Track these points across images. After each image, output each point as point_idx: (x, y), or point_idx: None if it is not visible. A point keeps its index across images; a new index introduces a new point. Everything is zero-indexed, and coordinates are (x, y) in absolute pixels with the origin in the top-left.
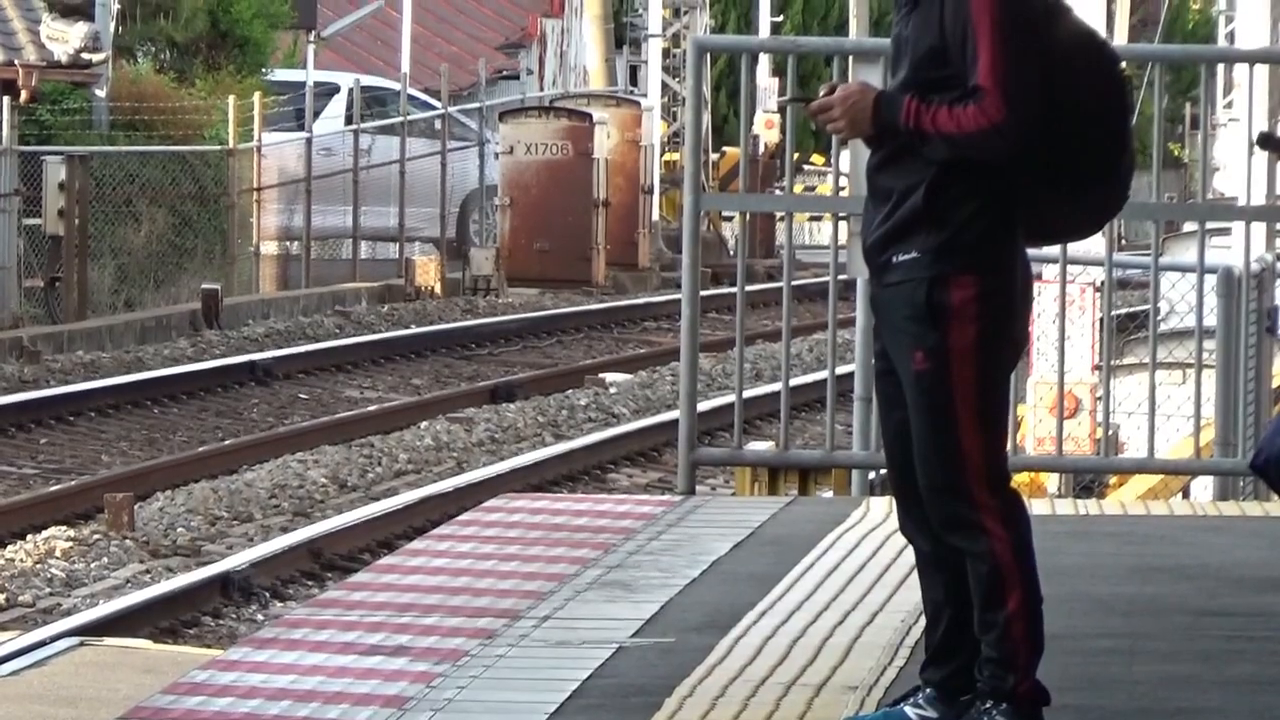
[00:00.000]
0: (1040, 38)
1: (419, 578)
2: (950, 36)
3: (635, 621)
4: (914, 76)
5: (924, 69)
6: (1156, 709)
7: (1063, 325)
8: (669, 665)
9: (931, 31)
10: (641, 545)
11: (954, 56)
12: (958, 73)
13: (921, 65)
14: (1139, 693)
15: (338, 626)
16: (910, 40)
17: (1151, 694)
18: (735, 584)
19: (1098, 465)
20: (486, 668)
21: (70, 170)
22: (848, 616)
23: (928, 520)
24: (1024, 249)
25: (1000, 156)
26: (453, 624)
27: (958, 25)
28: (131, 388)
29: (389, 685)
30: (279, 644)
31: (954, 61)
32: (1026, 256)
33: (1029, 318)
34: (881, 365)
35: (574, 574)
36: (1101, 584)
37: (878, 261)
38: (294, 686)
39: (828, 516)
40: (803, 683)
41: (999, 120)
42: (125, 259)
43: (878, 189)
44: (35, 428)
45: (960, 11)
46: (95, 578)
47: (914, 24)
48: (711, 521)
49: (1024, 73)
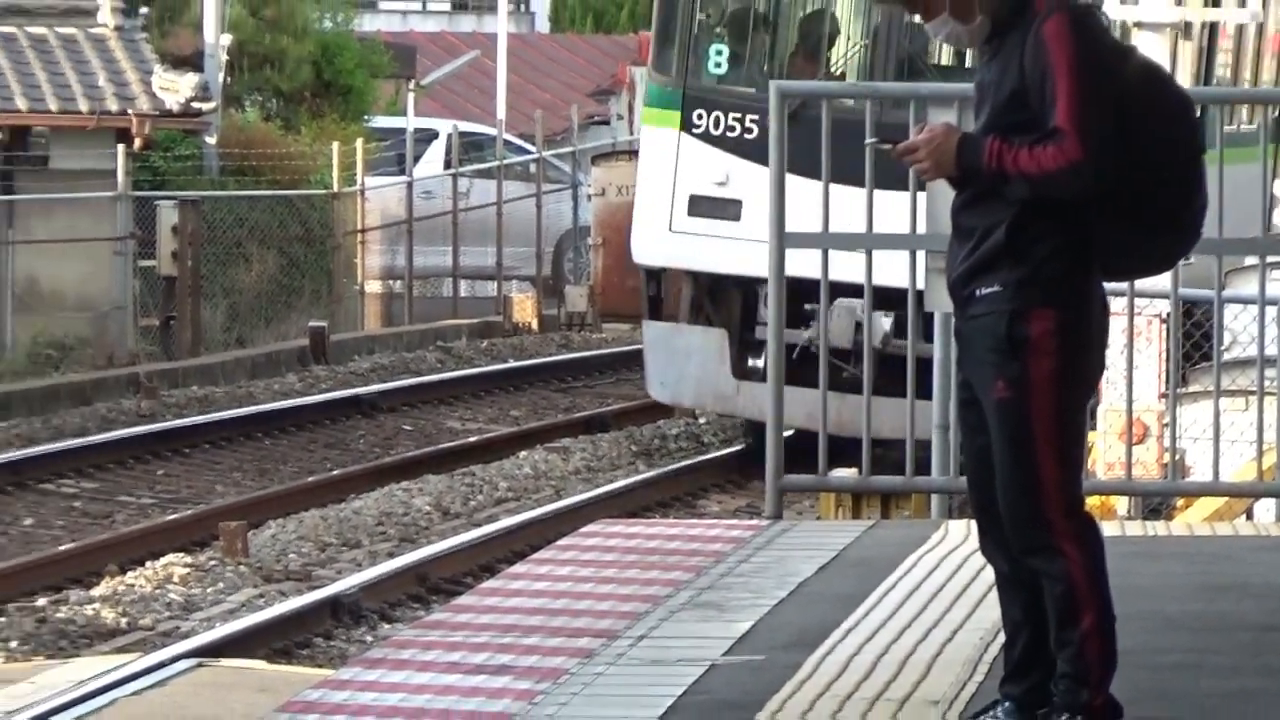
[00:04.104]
0: (1113, 81)
1: (520, 600)
2: (1030, 81)
3: (727, 640)
4: (995, 120)
5: (1005, 112)
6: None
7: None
8: (759, 682)
9: (1012, 77)
10: (732, 568)
11: (1033, 100)
12: (1037, 116)
13: (1003, 109)
14: (1207, 706)
15: (443, 647)
16: (992, 85)
17: (1218, 708)
18: (821, 604)
19: (1165, 489)
20: (585, 685)
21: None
22: (929, 634)
23: (1007, 542)
24: (1100, 284)
25: (1078, 195)
26: (553, 644)
27: (1037, 71)
28: (243, 421)
29: (493, 703)
30: (387, 664)
31: (1033, 105)
32: (1103, 291)
33: (1105, 350)
34: (964, 394)
35: (667, 595)
36: (1169, 602)
37: (961, 295)
38: (403, 704)
39: (909, 539)
40: (887, 698)
41: (1077, 160)
42: (236, 298)
43: (962, 227)
44: (153, 460)
45: (1040, 58)
46: (212, 602)
47: (995, 70)
48: (798, 545)
49: (1099, 115)
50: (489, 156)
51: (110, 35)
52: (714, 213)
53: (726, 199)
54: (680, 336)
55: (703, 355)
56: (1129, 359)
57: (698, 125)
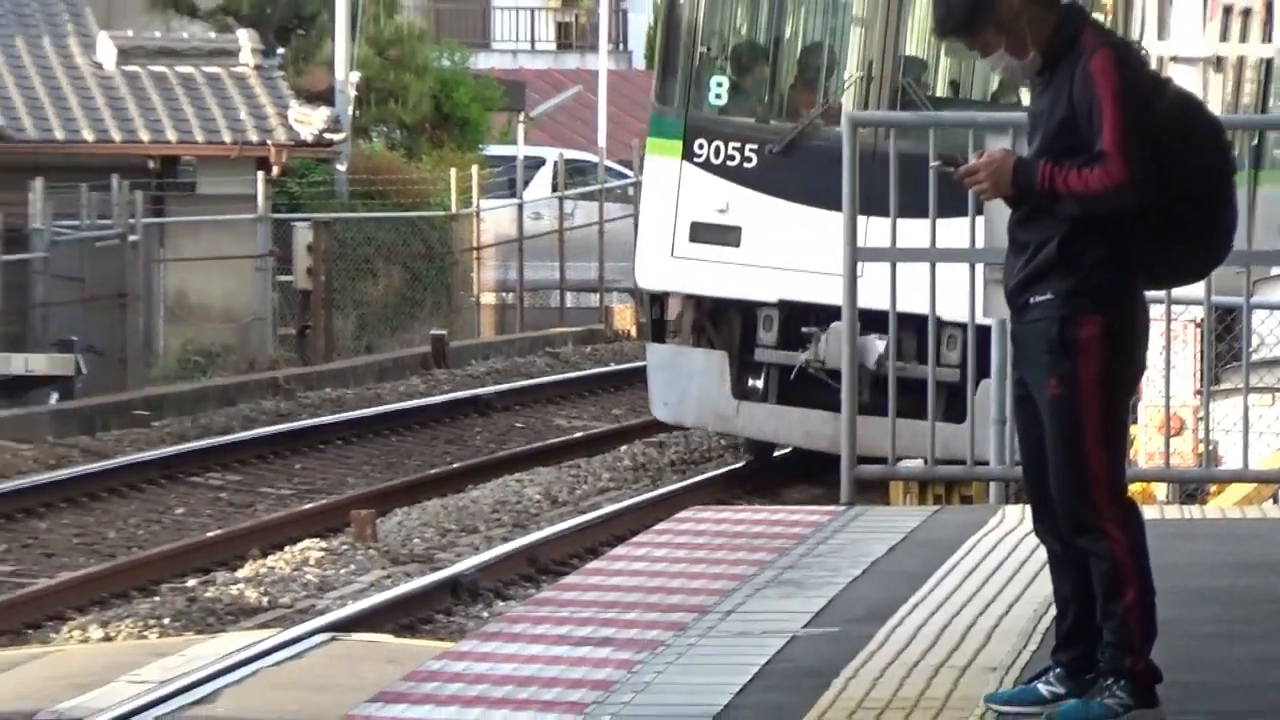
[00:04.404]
0: (1152, 110)
1: (621, 579)
2: (1078, 110)
3: (806, 614)
4: (1047, 145)
5: (1056, 138)
6: (1253, 684)
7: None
8: (836, 651)
9: (1062, 107)
10: (810, 549)
11: (1081, 127)
12: (1084, 141)
13: (1054, 135)
14: (1238, 671)
15: (551, 621)
16: (1044, 114)
17: (1248, 672)
18: (891, 581)
19: (1199, 476)
20: (679, 655)
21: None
22: (988, 607)
23: (1058, 524)
24: (1141, 292)
25: (1122, 211)
26: (650, 618)
27: (1084, 101)
28: (372, 419)
29: (596, 671)
30: (501, 637)
31: (1081, 131)
32: (1144, 299)
33: (1145, 351)
34: (1020, 391)
35: (753, 574)
36: (1204, 578)
37: (1018, 302)
38: (515, 673)
39: (969, 523)
40: (950, 665)
41: (1121, 180)
42: (365, 309)
43: (1017, 242)
44: (290, 454)
45: (1087, 90)
46: (344, 582)
47: (1047, 100)
48: (870, 528)
49: (1140, 140)
50: (591, 181)
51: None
52: (714, 239)
53: (726, 225)
54: (682, 358)
55: (704, 377)
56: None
57: (699, 154)
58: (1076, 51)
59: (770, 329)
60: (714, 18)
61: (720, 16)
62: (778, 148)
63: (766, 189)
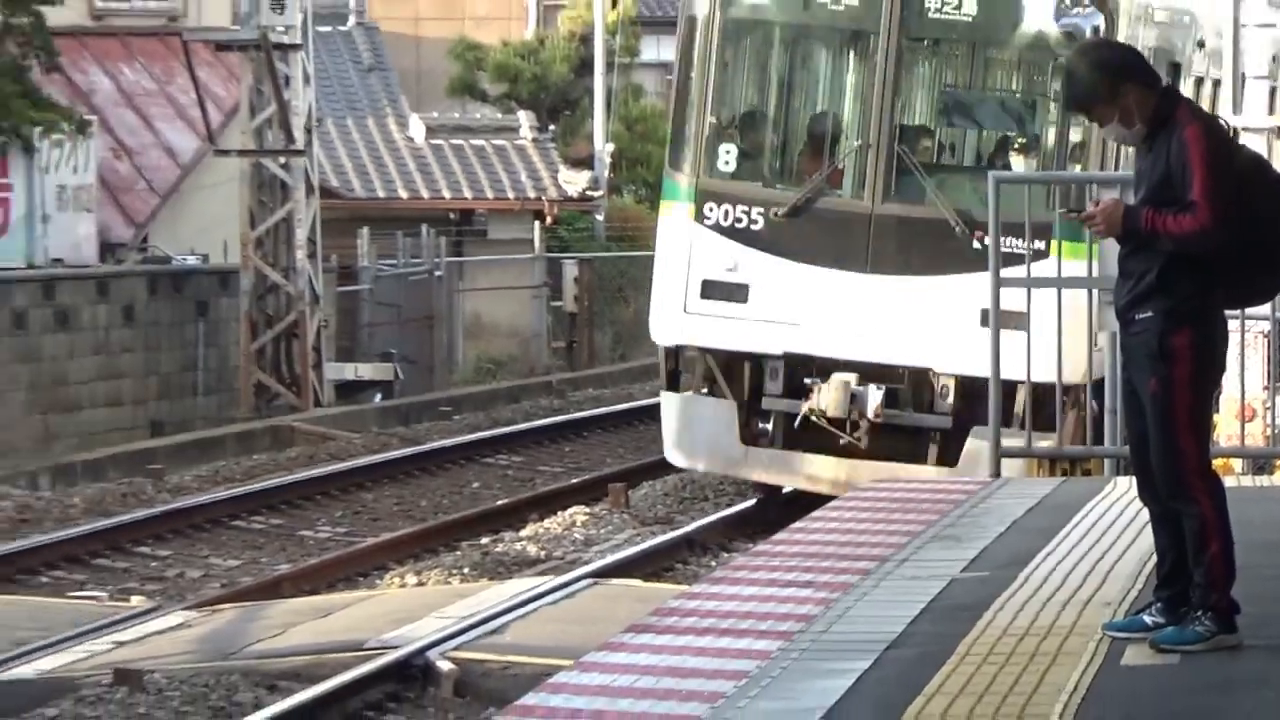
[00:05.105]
0: (1232, 169)
1: (818, 535)
2: (1174, 169)
3: (962, 561)
4: (1149, 196)
5: (1157, 190)
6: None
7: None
8: (986, 590)
9: (1161, 166)
10: (965, 511)
11: (1176, 181)
12: (1179, 193)
13: (1155, 188)
14: None
15: (766, 569)
16: (1147, 172)
17: None
18: (1028, 535)
19: (1268, 453)
20: (864, 594)
21: (580, 269)
22: (1104, 555)
23: (1158, 491)
24: (1222, 311)
25: (1208, 249)
26: (842, 565)
27: (1179, 162)
28: (626, 413)
29: (800, 607)
30: (726, 581)
31: (1176, 185)
32: (1224, 316)
33: (1225, 356)
34: (1128, 389)
35: (921, 531)
36: (1274, 533)
37: (1126, 318)
38: (737, 609)
39: (1089, 490)
40: (1076, 600)
41: (1207, 225)
42: (619, 326)
43: (1125, 271)
44: (562, 440)
45: (1181, 153)
46: (603, 540)
47: (1149, 161)
48: (1011, 494)
49: (1223, 193)
50: None
51: (529, 145)
52: (724, 296)
53: (735, 283)
54: (694, 407)
55: (714, 424)
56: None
57: (709, 217)
58: (1172, 124)
59: (776, 379)
60: (722, 91)
61: (728, 89)
62: (782, 211)
63: (772, 249)
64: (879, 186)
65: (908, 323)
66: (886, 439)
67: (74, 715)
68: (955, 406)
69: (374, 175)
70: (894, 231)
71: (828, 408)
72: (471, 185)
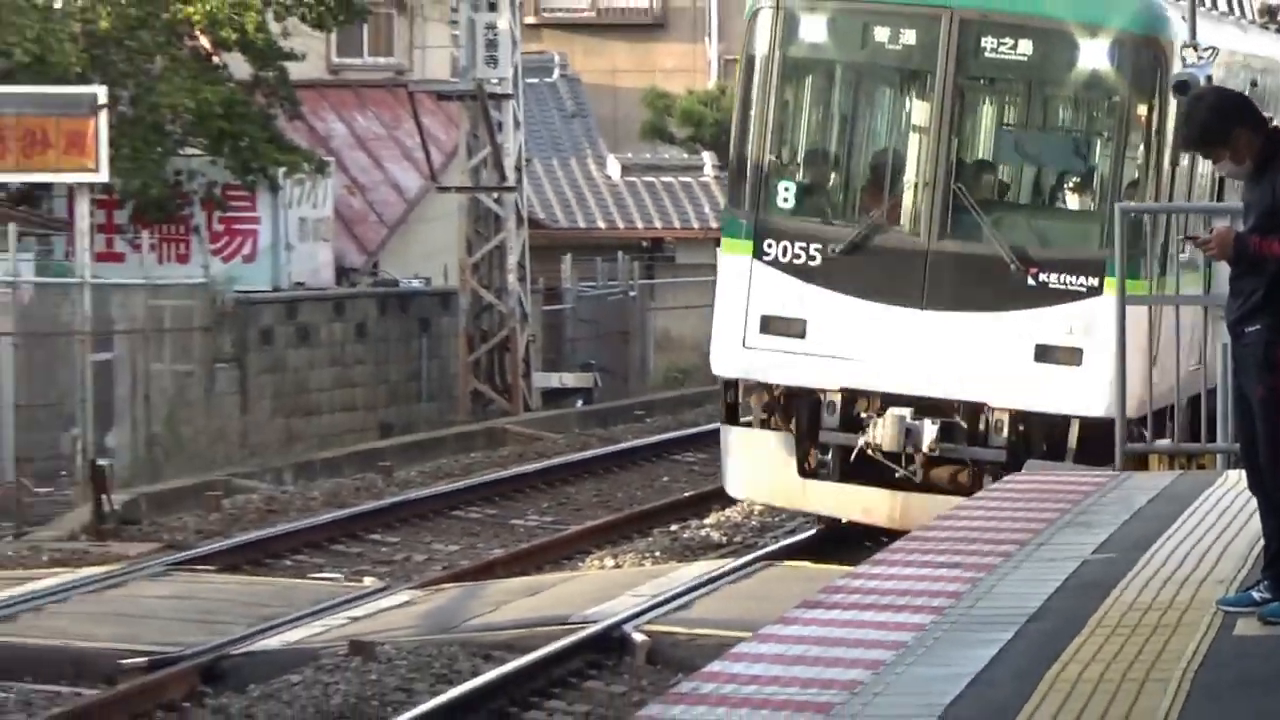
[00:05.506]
0: None
1: (965, 523)
2: (1276, 200)
3: (1093, 544)
4: (1256, 224)
5: (1262, 219)
6: None
7: None
8: (1114, 571)
9: (1265, 197)
10: (1095, 500)
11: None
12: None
13: (1260, 217)
14: None
15: (920, 552)
16: (1253, 203)
17: None
18: (1150, 521)
19: None
20: (1006, 574)
21: None
22: (1218, 538)
23: (1265, 483)
24: None
25: None
26: (986, 548)
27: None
28: None
29: (949, 585)
30: (886, 563)
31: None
32: None
33: None
34: (1238, 393)
35: (1056, 518)
36: None
37: (1236, 332)
38: (894, 587)
39: (1204, 482)
40: (1193, 579)
41: None
42: None
43: (1236, 289)
44: None
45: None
46: (777, 527)
47: (1257, 193)
48: (1135, 486)
49: None
50: None
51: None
52: (783, 331)
53: (793, 318)
54: (753, 440)
55: (773, 457)
56: None
57: (768, 253)
58: (1276, 161)
59: (833, 413)
60: (781, 129)
61: (787, 128)
62: (840, 248)
63: (830, 285)
64: (935, 224)
65: (962, 358)
66: (941, 472)
67: (314, 681)
68: (1009, 440)
69: (576, 208)
70: (949, 268)
71: (883, 442)
72: (661, 216)
